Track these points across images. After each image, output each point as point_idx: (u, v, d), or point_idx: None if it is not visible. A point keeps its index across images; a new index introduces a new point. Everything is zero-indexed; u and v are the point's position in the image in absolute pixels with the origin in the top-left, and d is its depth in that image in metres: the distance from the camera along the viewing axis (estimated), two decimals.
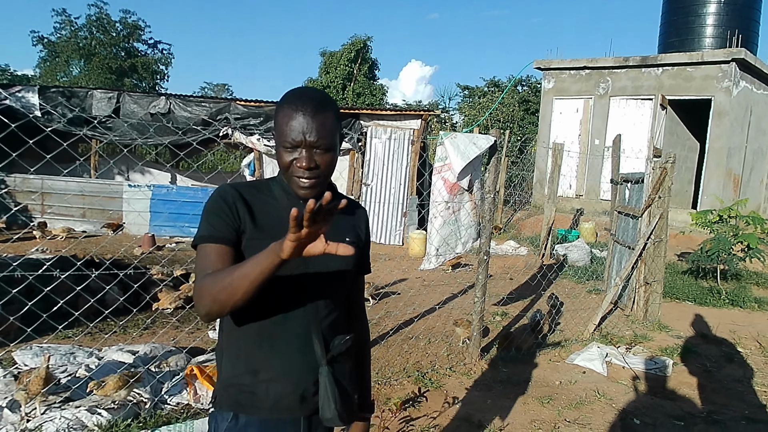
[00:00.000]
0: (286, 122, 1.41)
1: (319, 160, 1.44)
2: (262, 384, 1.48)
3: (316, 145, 1.42)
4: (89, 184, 11.24)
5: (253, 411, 1.48)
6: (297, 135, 1.40)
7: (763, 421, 4.20)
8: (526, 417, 4.00)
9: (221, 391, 1.53)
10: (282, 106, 1.45)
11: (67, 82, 27.74)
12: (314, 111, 1.41)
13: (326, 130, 1.43)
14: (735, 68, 13.92)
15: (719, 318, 7.13)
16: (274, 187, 1.54)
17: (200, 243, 1.45)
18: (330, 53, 31.55)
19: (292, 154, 1.43)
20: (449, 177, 4.82)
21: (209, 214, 1.46)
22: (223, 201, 1.46)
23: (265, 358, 1.48)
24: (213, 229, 1.43)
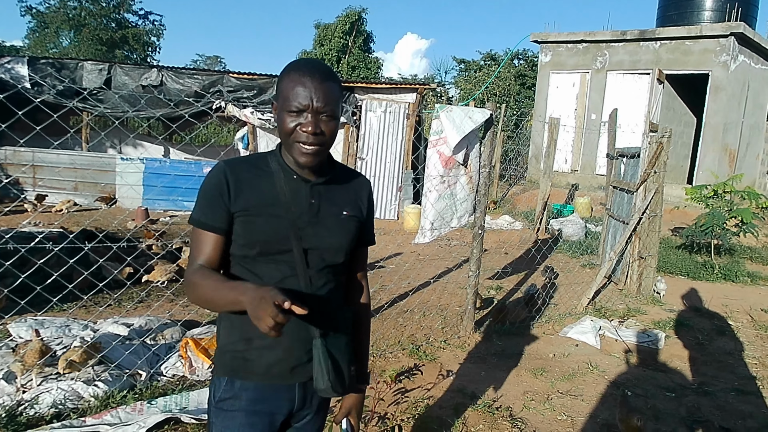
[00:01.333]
0: (293, 87, 1.42)
1: (323, 126, 1.44)
2: (255, 351, 1.52)
3: (322, 111, 1.42)
4: (81, 157, 11.12)
5: (247, 376, 1.53)
6: (304, 99, 1.41)
7: (753, 392, 4.26)
8: (519, 388, 4.04)
9: (218, 356, 1.58)
10: (288, 72, 1.45)
11: (57, 54, 27.27)
12: (322, 78, 1.42)
13: (332, 97, 1.44)
14: (733, 42, 13.81)
15: (712, 292, 7.19)
16: (271, 162, 1.54)
17: (194, 225, 1.52)
18: (324, 25, 31.09)
19: (297, 119, 1.43)
20: (444, 151, 4.77)
21: (203, 199, 1.51)
22: (216, 185, 1.49)
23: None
24: (205, 216, 1.49)
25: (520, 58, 29.87)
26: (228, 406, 1.53)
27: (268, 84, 11.51)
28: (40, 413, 3.13)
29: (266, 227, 1.48)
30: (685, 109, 16.76)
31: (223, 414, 1.53)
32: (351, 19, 30.46)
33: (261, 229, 1.48)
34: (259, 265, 1.50)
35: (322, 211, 1.54)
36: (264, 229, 1.48)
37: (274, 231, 1.48)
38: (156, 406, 3.31)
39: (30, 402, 3.21)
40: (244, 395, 1.53)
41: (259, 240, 1.48)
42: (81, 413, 3.18)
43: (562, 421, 3.61)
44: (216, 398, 1.54)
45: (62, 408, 3.20)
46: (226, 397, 1.53)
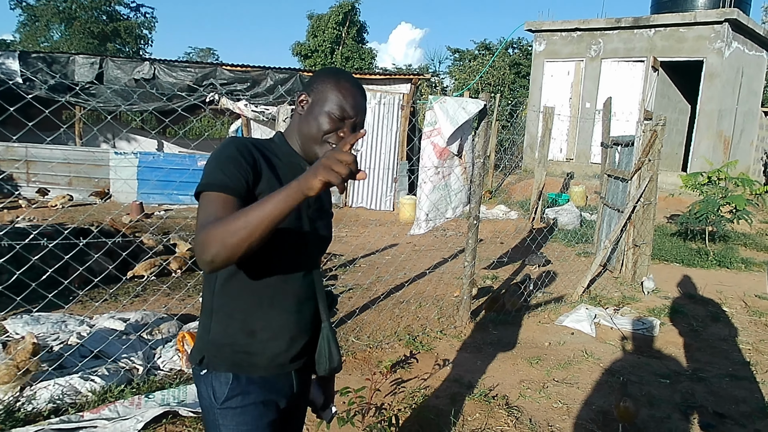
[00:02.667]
0: (344, 95, 1.51)
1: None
2: (258, 343, 1.51)
3: (358, 124, 1.55)
4: (74, 152, 11.06)
5: (250, 370, 1.51)
6: (351, 110, 1.52)
7: (746, 377, 4.30)
8: (515, 377, 4.06)
9: (213, 351, 1.50)
10: (339, 80, 1.53)
11: (48, 48, 27.07)
12: (363, 96, 1.58)
13: (366, 114, 1.60)
14: (727, 29, 13.80)
15: (706, 279, 7.23)
16: (276, 149, 1.56)
17: (209, 190, 1.34)
18: (317, 16, 30.91)
19: (337, 123, 1.51)
20: (438, 142, 4.77)
21: (223, 162, 1.38)
22: (240, 150, 1.41)
23: (265, 318, 1.51)
24: (227, 178, 1.34)
25: (514, 47, 29.79)
26: (237, 403, 1.48)
27: (262, 76, 11.45)
28: (38, 409, 3.14)
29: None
30: (680, 96, 16.77)
31: (233, 412, 1.48)
32: (344, 10, 30.29)
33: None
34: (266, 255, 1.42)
35: (320, 207, 1.63)
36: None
37: (288, 222, 1.44)
38: (154, 399, 3.32)
39: (28, 398, 3.22)
40: (252, 389, 1.50)
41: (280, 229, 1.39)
42: (79, 408, 3.18)
43: (558, 408, 3.64)
44: (221, 398, 1.48)
45: (60, 403, 3.21)
46: (234, 394, 1.48)
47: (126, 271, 5.45)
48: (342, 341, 4.44)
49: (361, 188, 11.90)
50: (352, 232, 9.10)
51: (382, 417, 3.24)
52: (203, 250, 1.24)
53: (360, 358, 4.18)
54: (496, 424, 3.36)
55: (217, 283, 1.51)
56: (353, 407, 3.20)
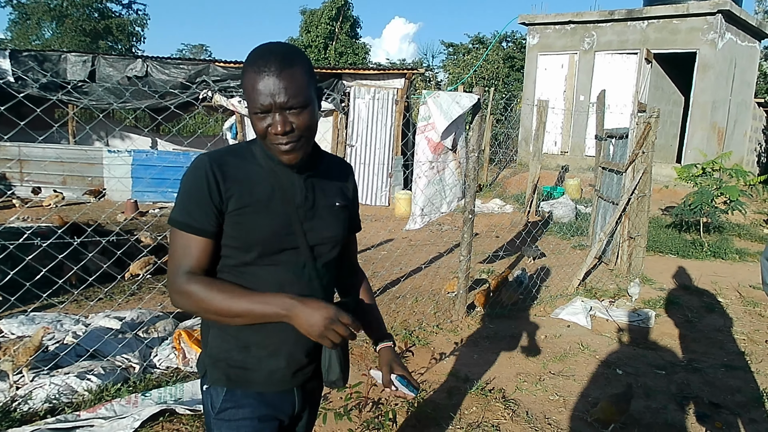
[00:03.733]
0: (252, 86, 1.30)
1: (294, 121, 1.32)
2: (253, 359, 1.46)
3: (287, 106, 1.30)
4: (68, 151, 11.02)
5: (246, 385, 1.47)
6: (265, 99, 1.29)
7: (741, 367, 4.33)
8: (511, 370, 4.08)
9: (211, 366, 1.49)
10: (246, 69, 1.32)
11: (40, 46, 26.89)
12: (279, 68, 1.28)
13: (296, 87, 1.30)
14: (720, 20, 13.81)
15: (701, 270, 7.26)
16: (256, 152, 1.44)
17: (176, 227, 1.38)
18: (310, 11, 30.82)
19: (264, 119, 1.32)
20: (433, 136, 4.77)
21: (187, 197, 1.37)
22: (202, 183, 1.35)
23: (258, 334, 1.43)
24: (191, 218, 1.36)
25: (508, 40, 29.77)
26: (231, 416, 1.45)
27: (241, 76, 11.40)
28: (34, 408, 3.13)
29: (265, 225, 1.38)
30: (674, 88, 16.79)
31: (226, 424, 1.45)
32: (337, 5, 30.21)
33: (259, 227, 1.38)
34: (259, 270, 1.41)
35: (317, 204, 1.48)
36: (263, 227, 1.38)
37: (273, 228, 1.39)
38: (150, 398, 3.32)
39: (24, 398, 3.21)
40: (247, 403, 1.46)
41: (258, 239, 1.38)
42: (75, 407, 3.18)
43: (554, 400, 3.66)
44: (216, 409, 1.47)
45: (56, 403, 3.20)
46: (228, 407, 1.46)
47: (121, 269, 5.43)
48: None
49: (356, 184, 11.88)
50: None
51: (379, 412, 3.25)
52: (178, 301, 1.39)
53: (357, 354, 4.18)
54: (493, 417, 3.38)
55: None
56: (350, 402, 3.21)
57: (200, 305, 1.35)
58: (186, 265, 1.37)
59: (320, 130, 7.02)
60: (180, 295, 1.37)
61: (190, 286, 1.35)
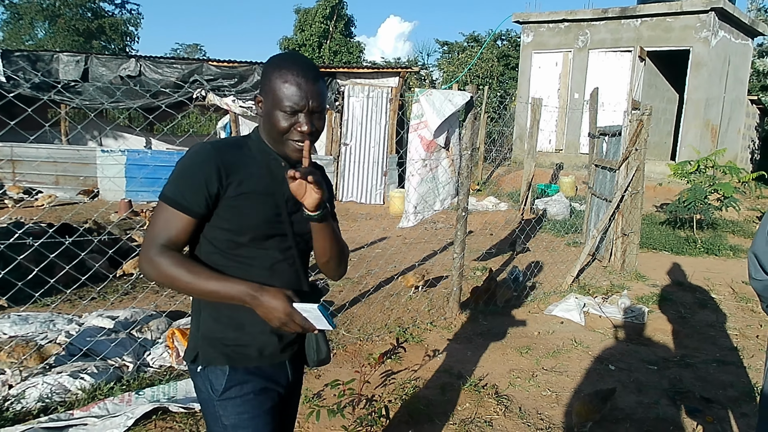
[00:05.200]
0: (288, 87, 1.44)
1: (317, 124, 1.49)
2: (248, 336, 1.55)
3: (316, 110, 1.47)
4: (61, 151, 10.98)
5: (243, 362, 1.55)
6: (300, 100, 1.44)
7: (733, 362, 4.35)
8: (505, 366, 4.09)
9: (206, 347, 1.55)
10: (280, 70, 1.46)
11: (33, 46, 26.77)
12: (314, 78, 1.46)
13: (323, 95, 1.50)
14: (714, 18, 13.86)
15: (695, 266, 7.30)
16: (251, 145, 1.56)
17: (165, 202, 1.47)
18: (304, 10, 30.77)
19: (291, 118, 1.45)
20: (426, 134, 4.77)
21: (183, 177, 1.46)
22: (202, 167, 1.45)
23: (252, 314, 1.50)
24: (182, 197, 1.45)
25: (503, 38, 29.78)
26: (236, 393, 1.52)
27: (249, 71, 11.39)
28: (27, 408, 3.12)
29: (260, 212, 1.49)
30: (667, 85, 16.85)
31: (232, 402, 1.52)
32: (331, 3, 30.15)
33: (254, 214, 1.49)
34: (249, 252, 1.52)
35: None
36: (257, 214, 1.49)
37: (266, 216, 1.50)
38: (144, 396, 3.32)
39: (16, 397, 3.20)
40: (249, 378, 1.54)
41: (252, 225, 1.49)
42: (68, 406, 3.17)
43: (547, 396, 3.67)
44: (219, 389, 1.52)
45: (49, 402, 3.19)
46: (232, 385, 1.52)
47: (114, 268, 5.42)
48: (333, 334, 4.44)
49: (351, 182, 11.90)
50: (342, 227, 9.02)
51: (372, 408, 3.25)
52: (149, 272, 1.45)
53: (350, 351, 4.19)
54: (486, 413, 3.39)
55: None
56: (344, 399, 3.21)
57: (167, 277, 1.43)
58: (163, 237, 1.45)
59: None
60: (150, 263, 1.44)
61: (162, 257, 1.43)
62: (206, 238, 1.52)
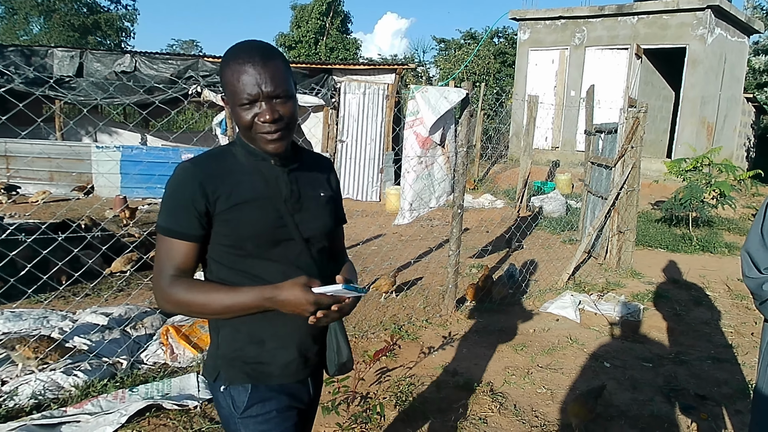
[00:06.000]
0: (238, 78, 1.34)
1: (281, 110, 1.37)
2: (268, 353, 1.49)
3: (275, 95, 1.35)
4: (55, 147, 10.92)
5: (266, 379, 1.50)
6: (252, 88, 1.33)
7: (728, 360, 4.36)
8: (500, 364, 4.09)
9: (226, 367, 1.50)
10: (228, 63, 1.36)
11: (28, 41, 26.62)
12: (264, 60, 1.34)
13: (280, 77, 1.36)
14: (710, 15, 13.88)
15: (690, 264, 7.31)
16: (237, 152, 1.47)
17: (162, 234, 1.42)
18: (301, 7, 30.70)
19: (251, 110, 1.36)
20: (421, 131, 4.76)
21: (172, 204, 1.40)
22: (186, 188, 1.39)
23: (271, 327, 1.48)
24: (176, 223, 1.40)
25: (499, 35, 29.77)
26: (258, 411, 1.48)
27: (220, 71, 11.35)
28: (20, 405, 3.10)
29: (258, 220, 1.42)
30: (664, 83, 16.87)
31: (254, 420, 1.48)
32: (328, 0, 30.07)
33: (251, 223, 1.41)
34: (257, 264, 1.45)
35: (302, 196, 1.51)
36: (255, 222, 1.41)
37: (266, 222, 1.43)
38: (137, 393, 3.30)
39: (9, 394, 3.18)
40: (271, 396, 1.50)
41: (251, 234, 1.41)
42: (61, 403, 3.15)
43: (542, 393, 3.67)
44: (241, 407, 1.48)
45: (42, 399, 3.17)
46: (254, 403, 1.48)
47: (108, 265, 5.39)
48: None
49: (347, 179, 11.88)
50: None
51: (367, 406, 3.24)
52: (163, 304, 1.41)
53: None
54: (481, 411, 3.38)
55: None
56: (338, 396, 3.20)
57: (182, 305, 1.39)
58: (170, 268, 1.41)
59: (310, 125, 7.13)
60: (163, 297, 1.41)
61: (172, 288, 1.39)
62: (212, 258, 1.47)
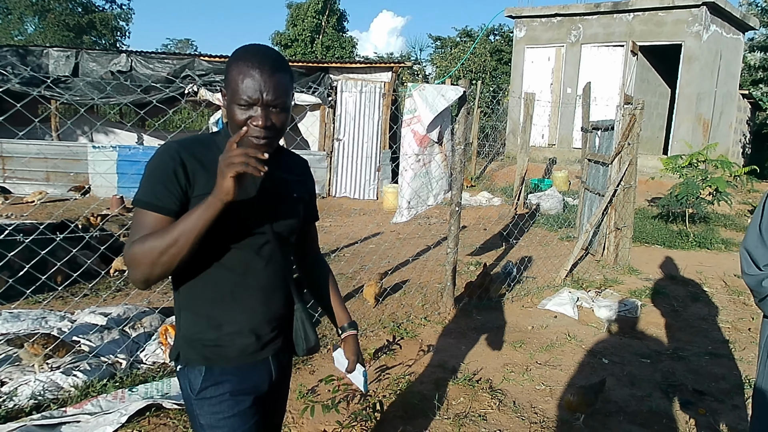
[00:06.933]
0: (242, 79, 1.38)
1: (274, 119, 1.42)
2: (227, 336, 1.53)
3: (273, 104, 1.40)
4: (51, 147, 10.88)
5: (222, 362, 1.54)
6: (254, 93, 1.37)
7: (725, 355, 4.38)
8: (498, 361, 4.10)
9: (185, 348, 1.54)
10: (237, 62, 1.40)
11: (23, 41, 26.52)
12: (272, 69, 1.39)
13: (283, 89, 1.41)
14: (705, 12, 13.90)
15: (687, 260, 7.33)
16: (221, 143, 1.50)
17: (139, 207, 1.41)
18: (297, 5, 30.65)
19: (246, 111, 1.40)
20: (419, 129, 4.77)
21: (153, 178, 1.41)
22: (169, 165, 1.41)
23: (229, 313, 1.52)
24: (155, 197, 1.40)
25: (495, 33, 29.79)
26: (211, 393, 1.52)
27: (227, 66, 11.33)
28: (20, 405, 3.10)
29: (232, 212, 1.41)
30: (660, 80, 16.90)
31: (208, 402, 1.52)
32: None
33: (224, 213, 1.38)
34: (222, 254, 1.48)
35: (278, 194, 1.57)
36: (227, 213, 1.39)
37: (238, 215, 1.45)
38: (137, 393, 3.30)
39: (8, 395, 3.18)
40: (226, 379, 1.53)
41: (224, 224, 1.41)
42: (61, 403, 3.15)
43: (541, 390, 3.68)
44: (196, 389, 1.53)
45: (41, 399, 3.17)
46: (208, 385, 1.52)
47: (106, 265, 5.38)
48: (327, 330, 4.44)
49: (344, 178, 11.88)
50: (336, 222, 9.08)
51: (367, 404, 3.25)
52: (134, 271, 1.36)
53: None
54: (480, 407, 3.40)
55: (180, 281, 1.53)
56: (338, 395, 3.21)
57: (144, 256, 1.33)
58: (136, 237, 1.38)
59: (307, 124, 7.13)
60: (129, 262, 1.37)
61: (132, 248, 1.36)
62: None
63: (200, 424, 1.54)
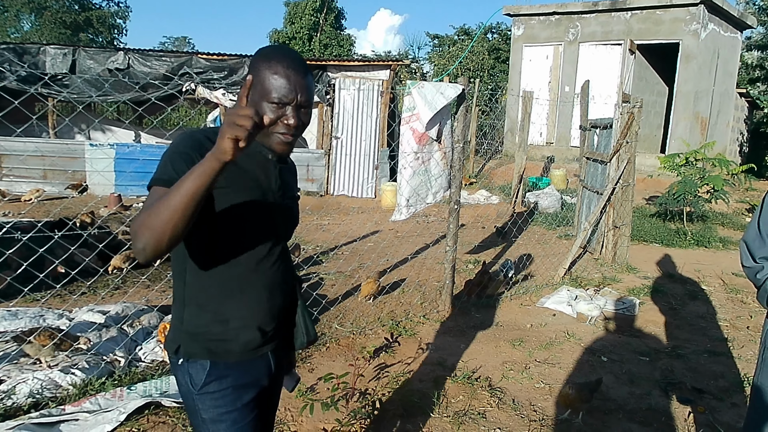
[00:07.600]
0: (277, 79, 1.42)
1: (304, 119, 1.49)
2: (232, 331, 1.54)
3: (305, 105, 1.47)
4: (48, 145, 10.84)
5: (226, 356, 1.55)
6: (289, 93, 1.43)
7: (724, 353, 4.39)
8: (497, 359, 4.10)
9: (188, 342, 1.54)
10: (269, 62, 1.43)
11: (19, 39, 26.42)
12: (304, 73, 1.46)
13: (311, 91, 1.49)
14: (703, 11, 13.92)
15: (685, 258, 7.35)
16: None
17: (157, 185, 1.34)
18: (294, 3, 30.57)
19: (278, 110, 1.44)
20: (417, 127, 4.76)
21: (176, 157, 1.37)
22: (191, 146, 1.40)
23: (236, 307, 1.53)
24: (175, 174, 1.31)
25: (493, 31, 29.77)
26: (215, 388, 1.53)
27: (239, 64, 11.30)
28: (18, 403, 3.09)
29: (246, 205, 1.47)
30: (657, 78, 16.91)
31: (211, 396, 1.53)
32: None
33: (239, 206, 1.46)
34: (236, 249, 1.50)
35: (285, 192, 1.61)
36: (242, 207, 1.47)
37: (254, 210, 1.49)
38: (136, 391, 3.30)
39: (7, 393, 3.17)
40: (229, 373, 1.55)
41: (240, 219, 1.46)
42: (60, 402, 3.14)
43: (540, 388, 3.69)
44: (198, 384, 1.53)
45: (40, 397, 3.16)
46: (211, 380, 1.53)
47: (104, 263, 5.37)
48: (326, 328, 4.44)
49: (342, 176, 11.87)
50: (334, 220, 9.07)
51: (366, 402, 3.25)
52: (134, 239, 1.25)
53: (344, 345, 4.18)
54: (479, 405, 3.40)
55: (188, 274, 1.52)
56: (337, 393, 3.21)
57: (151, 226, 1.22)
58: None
59: None
60: (132, 232, 1.26)
61: (136, 218, 1.28)
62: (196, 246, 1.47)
63: (202, 419, 1.55)
